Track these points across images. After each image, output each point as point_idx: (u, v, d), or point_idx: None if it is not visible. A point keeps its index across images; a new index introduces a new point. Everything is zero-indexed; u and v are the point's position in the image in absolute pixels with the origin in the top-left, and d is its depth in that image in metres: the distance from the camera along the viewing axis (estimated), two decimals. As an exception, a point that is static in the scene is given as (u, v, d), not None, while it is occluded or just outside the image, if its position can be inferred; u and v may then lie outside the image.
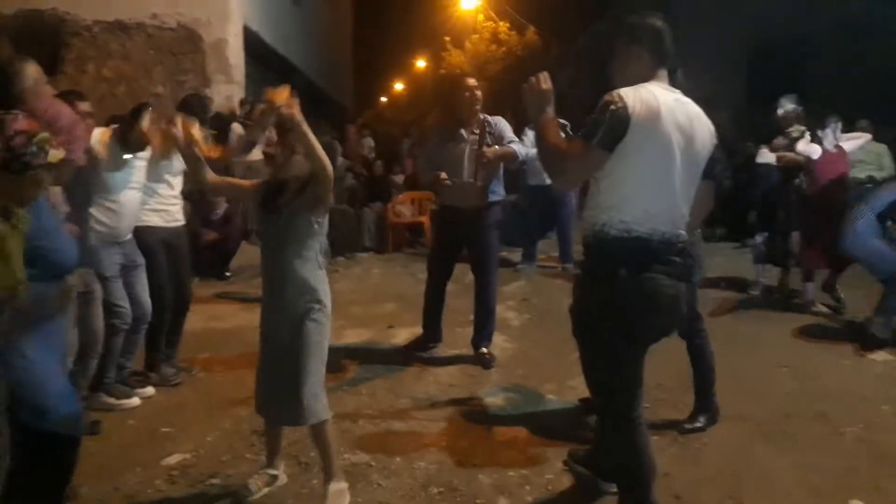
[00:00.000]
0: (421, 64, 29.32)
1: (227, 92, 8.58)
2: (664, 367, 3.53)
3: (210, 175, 2.82)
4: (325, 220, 2.71)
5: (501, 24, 19.79)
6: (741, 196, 8.68)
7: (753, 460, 3.13)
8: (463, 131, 4.27)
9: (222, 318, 5.53)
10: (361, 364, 4.43)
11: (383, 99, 37.49)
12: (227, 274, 6.97)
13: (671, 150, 2.21)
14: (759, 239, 6.36)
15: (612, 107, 2.16)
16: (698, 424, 3.43)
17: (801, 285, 5.93)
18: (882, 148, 5.69)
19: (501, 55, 19.51)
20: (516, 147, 4.29)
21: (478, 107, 4.24)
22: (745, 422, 3.53)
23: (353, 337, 5.02)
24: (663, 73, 2.36)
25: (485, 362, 4.36)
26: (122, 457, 3.10)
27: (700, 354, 3.47)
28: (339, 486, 2.68)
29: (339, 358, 4.49)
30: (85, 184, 3.45)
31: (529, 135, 6.57)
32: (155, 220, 4.00)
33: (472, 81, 4.28)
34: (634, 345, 2.33)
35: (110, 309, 3.54)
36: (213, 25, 8.21)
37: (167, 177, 4.04)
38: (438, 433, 3.40)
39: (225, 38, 8.24)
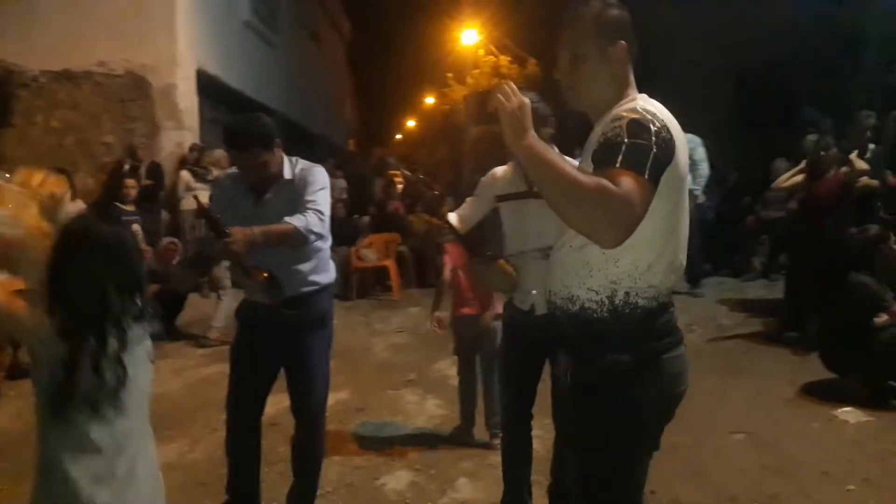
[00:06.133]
0: (430, 100, 29.13)
1: (178, 139, 8.24)
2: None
3: None
4: None
5: (502, 57, 19.55)
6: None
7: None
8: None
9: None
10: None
11: (398, 136, 37.47)
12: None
13: (686, 183, 1.69)
14: None
15: (654, 127, 1.52)
16: None
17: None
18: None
19: (504, 88, 19.24)
20: (290, 219, 2.53)
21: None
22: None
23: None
24: None
25: None
26: None
27: None
28: None
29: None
30: None
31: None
32: None
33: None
34: (650, 444, 1.74)
35: None
36: (160, 71, 7.93)
37: None
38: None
39: (173, 83, 7.95)
